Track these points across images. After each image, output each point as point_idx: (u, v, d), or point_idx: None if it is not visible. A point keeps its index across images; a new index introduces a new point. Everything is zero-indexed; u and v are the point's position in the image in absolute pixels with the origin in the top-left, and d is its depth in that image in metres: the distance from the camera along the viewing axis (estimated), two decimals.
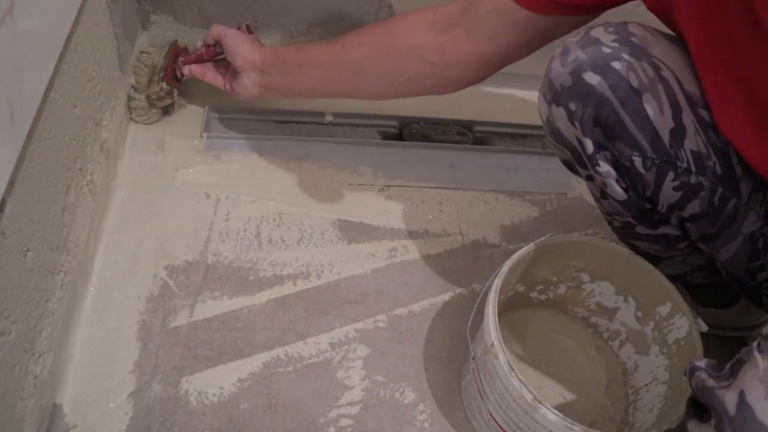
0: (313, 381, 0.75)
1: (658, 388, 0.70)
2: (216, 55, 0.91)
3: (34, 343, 0.63)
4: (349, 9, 1.00)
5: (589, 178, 0.65)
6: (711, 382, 0.47)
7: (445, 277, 0.87)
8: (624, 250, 0.71)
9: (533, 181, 1.01)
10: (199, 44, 0.92)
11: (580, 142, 0.60)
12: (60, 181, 0.68)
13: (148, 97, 0.93)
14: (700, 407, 0.49)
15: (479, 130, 1.08)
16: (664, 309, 0.70)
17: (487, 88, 1.14)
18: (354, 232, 0.90)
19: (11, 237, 0.57)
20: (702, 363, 0.50)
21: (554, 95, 0.60)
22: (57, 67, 0.65)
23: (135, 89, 0.94)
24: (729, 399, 0.44)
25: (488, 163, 1.02)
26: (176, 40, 0.97)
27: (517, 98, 1.14)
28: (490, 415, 0.66)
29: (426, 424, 0.74)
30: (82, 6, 0.72)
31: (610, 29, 0.59)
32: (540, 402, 0.57)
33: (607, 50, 0.57)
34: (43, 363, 0.65)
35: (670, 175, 0.58)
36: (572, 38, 0.61)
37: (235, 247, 0.85)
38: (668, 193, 0.60)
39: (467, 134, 1.06)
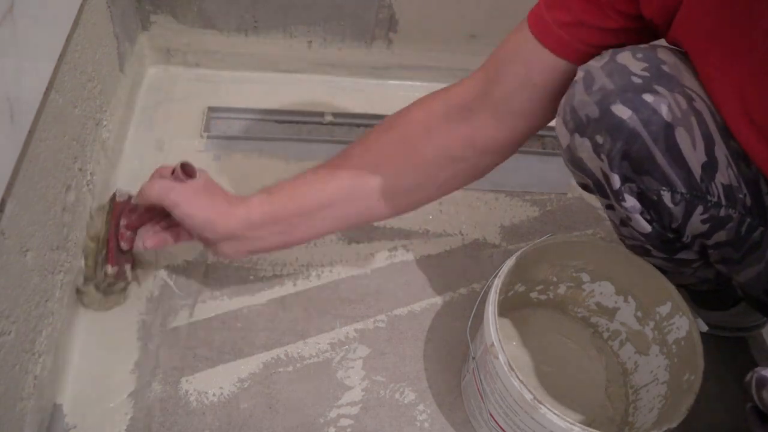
0: (313, 381, 0.75)
1: (658, 388, 0.70)
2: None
3: (34, 343, 0.63)
4: (349, 9, 1.00)
5: (610, 207, 0.63)
6: None
7: (445, 277, 0.87)
8: (624, 250, 0.71)
9: (533, 181, 1.01)
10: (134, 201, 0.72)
11: (606, 176, 0.57)
12: (60, 181, 0.68)
13: (96, 286, 0.73)
14: (764, 417, 0.47)
15: None
16: (664, 309, 0.70)
17: None
18: (354, 232, 0.90)
19: (11, 237, 0.57)
20: None
21: (578, 125, 0.57)
22: (57, 67, 0.65)
23: (84, 275, 0.74)
24: None
25: None
26: (114, 194, 0.75)
27: None
28: (490, 415, 0.66)
29: (426, 424, 0.74)
30: (82, 6, 0.72)
31: (639, 55, 0.55)
32: (540, 402, 0.57)
33: (637, 80, 0.54)
34: (43, 363, 0.65)
35: (700, 209, 0.56)
36: (596, 62, 0.56)
37: None
38: (695, 225, 0.58)
39: None
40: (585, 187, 0.64)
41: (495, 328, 0.61)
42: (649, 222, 0.60)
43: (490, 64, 0.63)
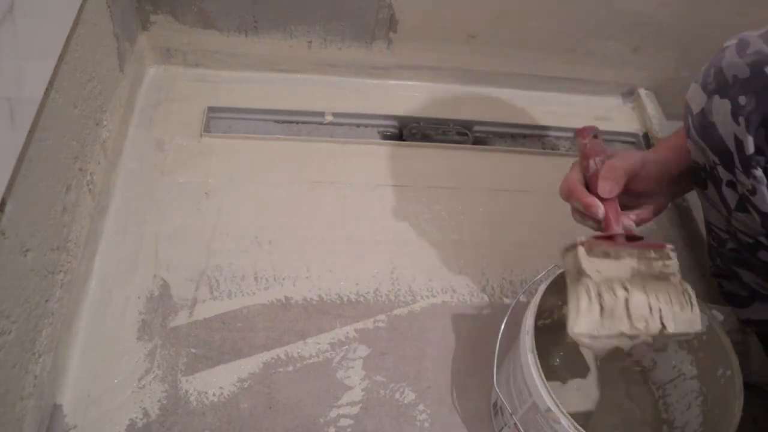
0: (313, 381, 0.75)
1: (687, 383, 0.69)
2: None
3: (34, 343, 0.63)
4: (349, 9, 1.00)
5: (731, 185, 0.58)
6: None
7: (445, 277, 0.87)
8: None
9: (533, 181, 1.01)
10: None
11: (739, 141, 0.54)
12: (60, 181, 0.68)
13: None
14: None
15: (479, 130, 1.08)
16: None
17: (487, 88, 1.14)
18: (354, 232, 0.90)
19: (11, 237, 0.57)
20: None
21: (721, 85, 0.55)
22: (57, 67, 0.65)
23: None
24: None
25: (488, 163, 1.02)
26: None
27: (517, 98, 1.14)
28: None
29: (426, 424, 0.74)
30: (82, 6, 0.72)
31: None
32: None
33: None
34: (43, 363, 0.65)
35: None
36: (752, 32, 0.55)
37: (235, 247, 0.85)
38: None
39: (467, 134, 1.06)
40: (699, 169, 0.61)
41: (547, 392, 0.57)
42: None
43: None
